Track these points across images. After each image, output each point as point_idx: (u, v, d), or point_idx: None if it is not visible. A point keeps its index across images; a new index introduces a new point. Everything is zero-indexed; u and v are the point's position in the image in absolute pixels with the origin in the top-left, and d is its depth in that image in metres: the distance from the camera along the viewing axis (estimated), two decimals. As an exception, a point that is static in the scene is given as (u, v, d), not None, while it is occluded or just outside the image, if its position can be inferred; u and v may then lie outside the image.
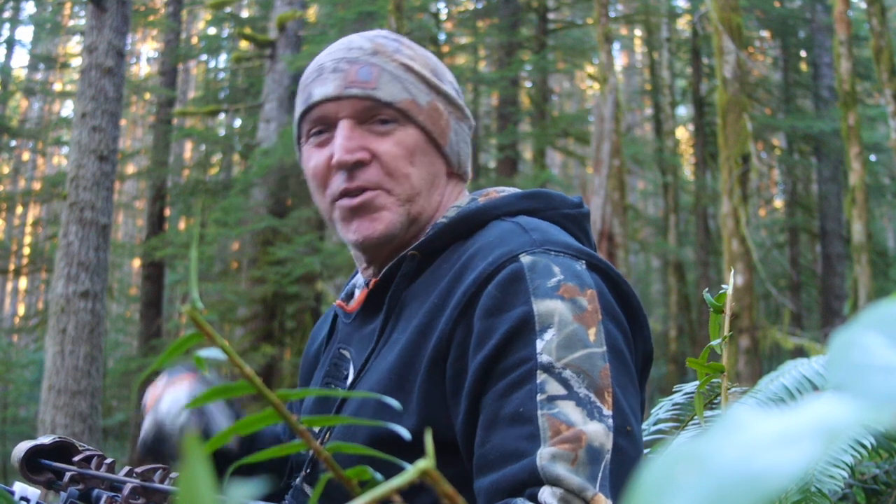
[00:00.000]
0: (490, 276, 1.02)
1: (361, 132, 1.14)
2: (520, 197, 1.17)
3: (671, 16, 15.31)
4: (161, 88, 13.81)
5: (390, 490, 0.30)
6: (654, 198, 20.45)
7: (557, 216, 1.17)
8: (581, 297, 0.99)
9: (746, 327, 7.45)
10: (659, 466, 0.23)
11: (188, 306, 0.34)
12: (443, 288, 1.07)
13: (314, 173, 1.17)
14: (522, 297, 0.99)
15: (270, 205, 10.56)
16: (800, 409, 0.24)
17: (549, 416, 0.91)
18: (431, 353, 1.03)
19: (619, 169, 8.46)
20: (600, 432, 0.90)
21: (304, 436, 0.37)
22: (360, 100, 1.13)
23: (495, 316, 0.99)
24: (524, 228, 1.08)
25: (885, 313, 0.27)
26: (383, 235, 1.14)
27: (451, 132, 1.20)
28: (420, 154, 1.15)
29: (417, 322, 1.07)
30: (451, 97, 1.21)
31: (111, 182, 6.52)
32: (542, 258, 1.02)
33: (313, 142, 1.18)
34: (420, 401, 1.02)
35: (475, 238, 1.12)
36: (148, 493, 0.98)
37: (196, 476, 0.25)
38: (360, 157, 1.13)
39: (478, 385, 0.98)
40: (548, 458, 0.88)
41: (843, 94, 8.53)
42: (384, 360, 1.09)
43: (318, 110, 1.16)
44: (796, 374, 1.78)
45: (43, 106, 20.13)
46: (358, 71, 1.14)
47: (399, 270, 1.15)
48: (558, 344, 0.95)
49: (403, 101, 1.14)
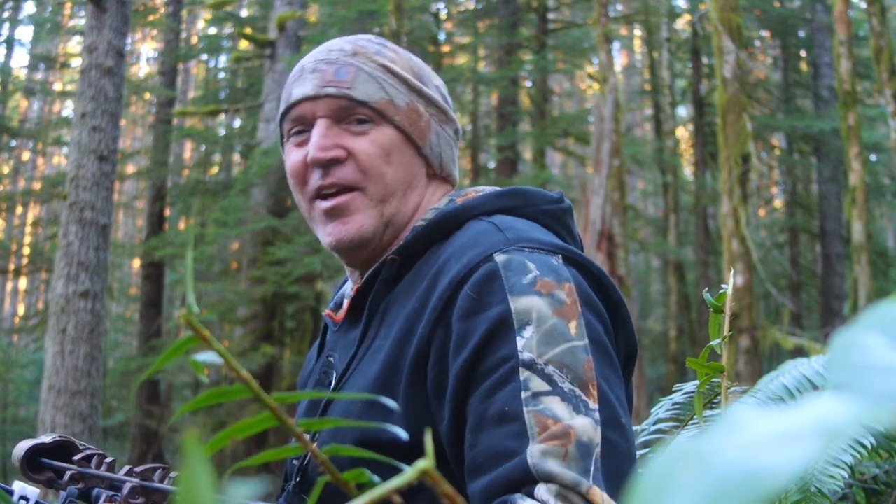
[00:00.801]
0: (465, 278, 1.02)
1: (338, 130, 1.15)
2: (497, 195, 1.17)
3: (671, 16, 15.31)
4: (161, 88, 13.81)
5: (390, 490, 0.30)
6: (654, 198, 20.46)
7: (536, 213, 1.16)
8: (559, 290, 0.99)
9: (746, 327, 7.45)
10: (659, 466, 0.23)
11: (184, 311, 0.34)
12: (422, 291, 1.07)
13: (293, 171, 1.18)
14: (499, 295, 0.98)
15: (270, 205, 10.57)
16: (799, 408, 0.24)
17: (536, 412, 0.90)
18: (412, 358, 1.02)
19: (619, 169, 8.46)
20: (588, 426, 0.90)
21: (301, 439, 0.37)
22: (336, 98, 1.14)
23: (473, 317, 0.99)
24: (498, 227, 1.08)
25: (885, 314, 0.27)
26: (356, 238, 1.14)
27: (431, 134, 1.20)
28: (396, 154, 1.16)
29: (398, 327, 1.07)
30: (434, 100, 1.21)
31: (111, 182, 6.52)
32: (517, 255, 1.02)
33: (293, 141, 1.19)
34: (405, 406, 1.02)
35: (452, 239, 1.12)
36: (147, 493, 0.98)
37: (196, 476, 0.25)
38: (335, 155, 1.14)
39: (460, 388, 0.98)
40: (538, 455, 0.88)
41: (843, 94, 8.53)
42: (368, 367, 1.09)
43: (297, 110, 1.17)
44: (796, 373, 1.78)
45: (43, 106, 20.14)
46: (336, 71, 1.15)
47: (380, 275, 1.15)
48: (539, 340, 0.95)
49: (379, 101, 1.15)
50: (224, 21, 15.04)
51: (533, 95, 13.64)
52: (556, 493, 0.86)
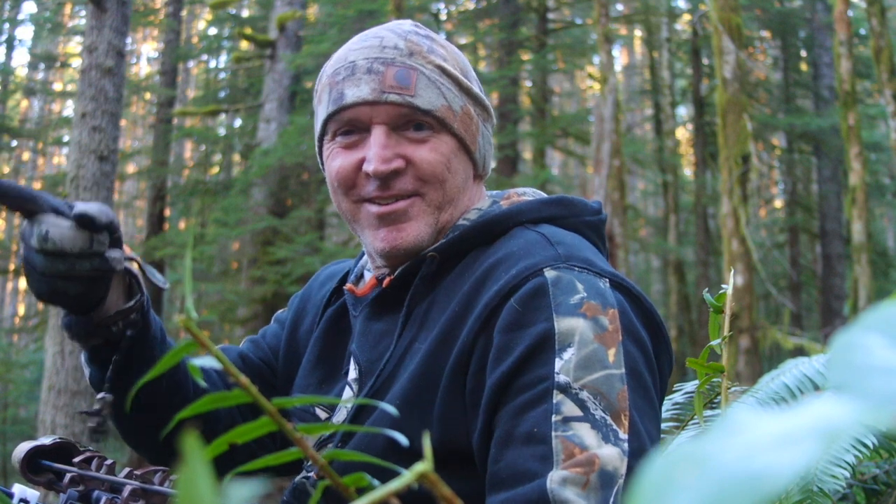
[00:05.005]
0: (513, 290, 1.00)
1: (397, 139, 1.10)
2: (544, 203, 1.15)
3: (671, 16, 15.31)
4: (161, 88, 13.81)
5: (388, 493, 0.30)
6: (654, 198, 20.45)
7: (579, 224, 1.14)
8: (603, 316, 0.97)
9: (746, 327, 7.45)
10: (659, 466, 0.23)
11: (183, 316, 0.34)
12: (464, 296, 1.05)
13: (339, 175, 1.12)
14: (544, 313, 0.97)
15: (270, 205, 10.56)
16: (800, 409, 0.24)
17: (564, 437, 0.89)
18: (452, 365, 1.01)
19: (619, 169, 8.46)
20: (615, 456, 0.89)
21: (300, 444, 0.37)
22: (398, 106, 1.09)
23: (516, 331, 0.97)
24: (549, 241, 1.06)
25: (885, 315, 0.27)
26: (412, 246, 1.11)
27: (479, 136, 1.17)
28: (455, 161, 1.12)
29: (438, 331, 1.05)
30: (480, 98, 1.18)
31: (111, 182, 6.52)
32: (566, 274, 1.00)
33: (340, 142, 1.13)
34: (441, 413, 1.01)
35: (498, 245, 1.09)
36: (147, 495, 0.98)
37: (196, 478, 0.25)
38: (397, 167, 1.09)
39: (494, 400, 0.97)
40: (558, 482, 0.87)
41: (843, 94, 8.53)
42: (405, 370, 1.07)
43: (351, 112, 1.10)
44: (797, 373, 1.78)
45: (43, 106, 20.14)
46: (395, 74, 1.09)
47: (418, 271, 1.12)
48: (577, 364, 0.93)
49: (441, 109, 1.10)
50: (224, 21, 15.04)
51: (533, 95, 13.64)
52: None
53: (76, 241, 0.97)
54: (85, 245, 0.98)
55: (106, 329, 1.08)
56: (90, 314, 1.07)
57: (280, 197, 10.67)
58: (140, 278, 1.11)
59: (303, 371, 1.26)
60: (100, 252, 0.99)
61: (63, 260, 0.98)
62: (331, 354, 1.23)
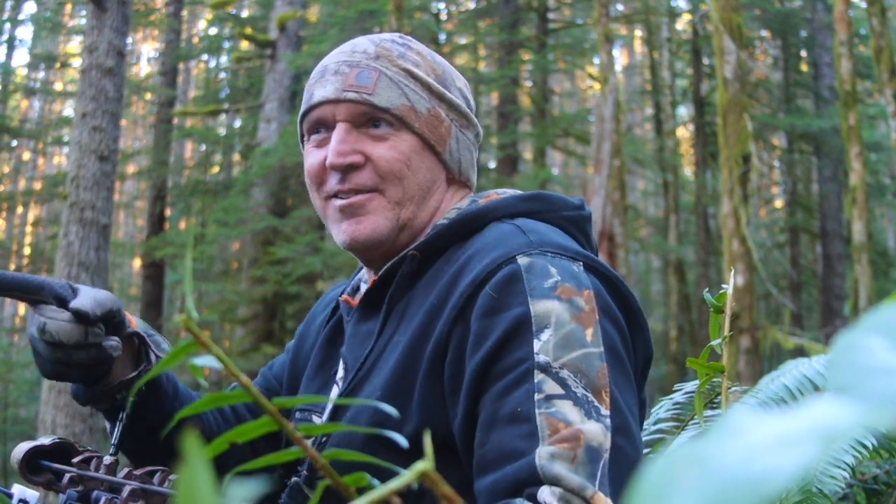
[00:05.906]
0: (487, 278, 1.02)
1: (357, 135, 1.15)
2: (520, 199, 1.18)
3: (671, 16, 15.32)
4: (161, 88, 13.81)
5: (389, 492, 0.30)
6: (654, 198, 20.45)
7: (558, 219, 1.17)
8: (578, 297, 1.00)
9: (746, 327, 7.45)
10: (660, 467, 0.23)
11: (183, 315, 0.34)
12: (441, 289, 1.08)
13: (310, 172, 1.19)
14: (519, 297, 0.99)
15: (271, 205, 10.57)
16: (800, 410, 0.24)
17: (548, 415, 0.91)
18: (430, 355, 1.03)
19: (620, 169, 8.46)
20: (598, 431, 0.91)
21: (301, 444, 0.37)
22: (356, 104, 1.14)
23: (492, 316, 1.00)
24: (522, 230, 1.09)
25: (886, 316, 0.27)
26: (370, 238, 1.15)
27: (451, 139, 1.19)
28: (416, 160, 1.16)
29: (417, 323, 1.07)
30: (456, 104, 1.20)
31: (111, 182, 6.52)
32: (539, 259, 1.03)
33: (313, 141, 1.20)
34: (420, 402, 1.03)
35: (474, 240, 1.12)
36: (147, 496, 0.98)
37: (196, 479, 0.25)
38: (353, 161, 1.14)
39: (475, 386, 0.98)
40: (546, 458, 0.89)
41: (843, 94, 8.53)
42: (385, 363, 1.09)
43: (317, 112, 1.17)
44: (797, 373, 1.78)
45: (43, 106, 20.14)
46: (357, 75, 1.15)
47: (399, 270, 1.15)
48: (555, 344, 0.96)
49: (400, 108, 1.14)
50: (225, 21, 15.03)
51: (533, 95, 13.64)
52: (560, 496, 0.87)
53: (72, 334, 1.05)
54: (80, 337, 1.05)
55: (111, 397, 1.15)
56: (96, 385, 1.14)
57: (280, 197, 10.67)
58: (148, 342, 1.17)
59: (304, 383, 1.30)
60: (96, 343, 1.06)
61: (61, 349, 1.05)
62: (327, 363, 1.26)
